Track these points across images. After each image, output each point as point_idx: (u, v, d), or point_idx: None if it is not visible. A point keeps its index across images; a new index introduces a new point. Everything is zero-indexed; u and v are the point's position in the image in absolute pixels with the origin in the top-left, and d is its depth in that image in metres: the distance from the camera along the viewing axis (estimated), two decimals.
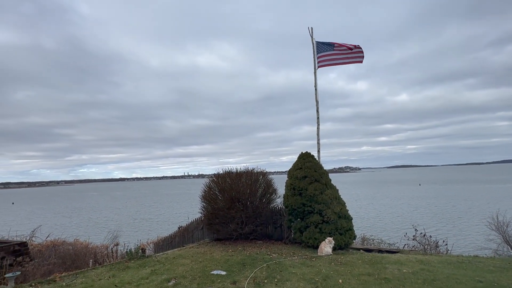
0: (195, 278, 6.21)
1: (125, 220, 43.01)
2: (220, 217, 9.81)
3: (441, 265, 6.78)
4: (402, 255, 8.08)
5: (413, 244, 13.02)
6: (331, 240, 8.00)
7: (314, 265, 6.78)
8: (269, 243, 9.72)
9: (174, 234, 12.57)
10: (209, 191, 10.36)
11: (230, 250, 8.60)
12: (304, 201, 8.89)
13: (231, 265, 7.02)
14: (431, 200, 50.07)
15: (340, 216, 8.72)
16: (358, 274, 6.04)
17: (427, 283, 5.38)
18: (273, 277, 6.04)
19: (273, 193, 10.57)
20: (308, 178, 9.11)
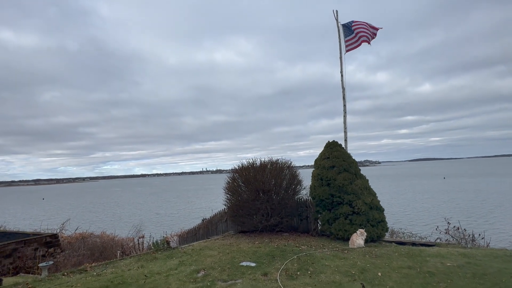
0: (224, 269, 6.04)
1: (147, 215, 44.08)
2: (244, 209, 9.62)
3: (487, 258, 6.24)
4: (441, 248, 7.57)
5: (446, 238, 12.39)
6: (363, 232, 7.61)
7: (348, 258, 6.44)
8: (295, 235, 9.44)
9: (198, 226, 12.55)
10: (233, 182, 10.17)
11: (256, 242, 8.40)
12: (332, 191, 8.52)
13: (259, 256, 6.80)
14: (458, 194, 47.85)
15: (371, 207, 8.29)
16: (398, 267, 5.65)
17: (477, 277, 4.92)
18: (306, 269, 5.76)
19: (298, 185, 10.24)
20: (336, 168, 8.71)
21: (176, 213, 44.99)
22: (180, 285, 5.25)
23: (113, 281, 5.67)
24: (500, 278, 4.84)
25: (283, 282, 5.17)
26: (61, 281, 5.93)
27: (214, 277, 5.61)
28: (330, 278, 5.22)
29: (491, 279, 4.82)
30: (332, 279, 5.19)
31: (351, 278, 5.17)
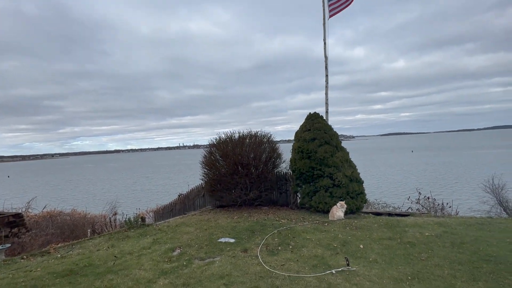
0: (201, 246, 5.72)
1: (123, 191, 42.87)
2: (223, 183, 9.26)
3: (462, 227, 6.39)
4: (416, 218, 7.70)
5: (417, 207, 12.90)
6: (343, 204, 7.55)
7: (329, 230, 6.34)
8: (275, 208, 9.29)
9: (175, 202, 12.13)
10: (210, 156, 9.70)
11: (235, 217, 8.14)
12: (313, 164, 8.31)
13: (239, 232, 6.55)
14: (425, 166, 50.65)
15: (351, 179, 8.21)
16: (378, 238, 5.60)
17: (456, 247, 4.95)
18: (287, 244, 5.57)
19: (278, 158, 9.97)
20: (317, 140, 8.45)
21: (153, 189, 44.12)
22: (154, 265, 4.87)
23: (78, 264, 5.18)
24: (478, 247, 4.90)
25: (264, 258, 4.94)
26: (18, 266, 5.35)
27: (191, 255, 5.27)
28: (312, 252, 5.06)
29: (470, 248, 4.86)
30: (314, 253, 5.03)
31: (333, 252, 5.04)
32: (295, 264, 4.56)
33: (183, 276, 4.35)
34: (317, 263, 4.58)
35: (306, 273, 4.21)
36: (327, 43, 9.51)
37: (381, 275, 4.05)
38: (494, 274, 3.87)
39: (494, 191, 13.85)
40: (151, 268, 4.76)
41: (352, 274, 4.10)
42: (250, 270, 4.44)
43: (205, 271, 4.46)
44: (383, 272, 4.12)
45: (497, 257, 4.40)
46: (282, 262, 4.68)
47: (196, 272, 4.45)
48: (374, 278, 3.95)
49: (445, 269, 4.11)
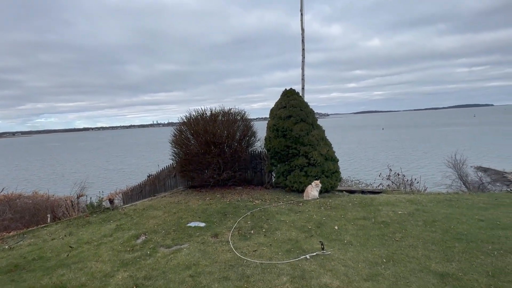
0: (169, 232, 5.32)
1: (94, 171, 40.88)
2: (194, 163, 8.78)
3: (432, 204, 6.47)
4: (389, 195, 7.77)
5: (387, 183, 13.29)
6: (318, 184, 7.40)
7: (303, 211, 6.17)
8: (249, 188, 9.03)
9: (144, 183, 11.52)
10: (180, 135, 9.10)
11: (207, 198, 7.78)
12: (288, 143, 8.01)
13: (210, 215, 6.20)
14: (394, 143, 52.89)
15: (326, 158, 8.04)
16: (353, 218, 5.50)
17: (428, 225, 4.94)
18: (260, 227, 5.32)
19: (253, 136, 9.58)
20: (293, 117, 8.11)
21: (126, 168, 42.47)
22: (113, 256, 4.42)
23: (26, 257, 4.62)
24: (449, 225, 4.91)
25: (235, 243, 4.65)
26: None
27: (156, 242, 4.87)
28: (286, 236, 4.84)
29: (441, 226, 4.86)
30: (288, 236, 4.81)
31: (307, 234, 4.85)
32: (268, 250, 4.31)
33: (146, 267, 3.96)
34: (291, 247, 4.36)
35: (279, 259, 3.97)
36: (303, 14, 8.94)
37: (356, 258, 3.90)
38: (466, 254, 3.85)
39: (455, 166, 14.78)
40: (110, 259, 4.31)
41: (326, 259, 3.91)
42: (220, 258, 4.13)
43: (170, 261, 4.10)
44: (358, 255, 3.98)
45: (468, 235, 4.41)
46: (255, 248, 4.41)
47: (160, 263, 4.07)
48: (349, 262, 3.78)
49: (419, 250, 4.04)
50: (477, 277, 3.27)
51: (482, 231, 4.58)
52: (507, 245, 4.02)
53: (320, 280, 3.35)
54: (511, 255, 3.74)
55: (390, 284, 3.21)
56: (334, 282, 3.30)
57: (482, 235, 4.39)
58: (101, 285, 3.55)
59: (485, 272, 3.36)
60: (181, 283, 3.47)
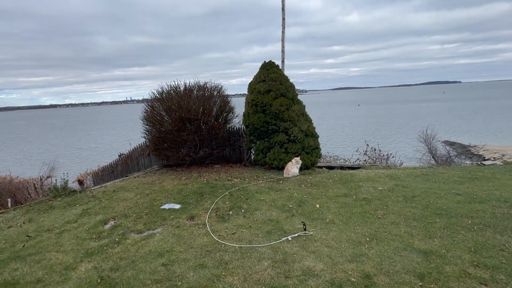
0: (140, 216, 4.94)
1: (64, 151, 38.67)
2: (168, 141, 8.27)
3: (410, 179, 6.50)
4: (368, 171, 7.76)
5: (364, 158, 13.51)
6: (298, 160, 7.21)
7: (283, 189, 5.97)
8: (227, 166, 8.72)
9: (116, 162, 10.87)
10: (153, 111, 8.47)
11: (183, 178, 7.39)
12: (268, 119, 7.67)
13: (186, 196, 5.85)
14: (370, 119, 54.26)
15: (307, 134, 7.82)
16: (334, 195, 5.37)
17: (409, 201, 4.90)
18: (239, 207, 5.06)
19: (230, 112, 9.13)
20: (273, 92, 7.71)
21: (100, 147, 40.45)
22: (77, 245, 4.01)
23: None
24: (428, 200, 4.90)
25: (213, 226, 4.38)
26: None
27: (126, 228, 4.49)
28: (266, 216, 4.62)
29: (421, 202, 4.84)
30: (268, 216, 4.60)
31: (289, 214, 4.66)
32: (248, 232, 4.08)
33: (113, 256, 3.60)
34: (272, 228, 4.15)
35: (260, 242, 3.74)
36: None
37: (339, 238, 3.76)
38: (447, 229, 3.81)
39: (426, 141, 15.29)
40: (73, 248, 3.90)
41: (309, 240, 3.74)
42: (196, 242, 3.84)
43: (141, 248, 3.76)
44: (341, 235, 3.84)
45: (447, 210, 4.40)
46: (233, 230, 4.16)
47: (130, 251, 3.72)
48: (332, 243, 3.63)
49: (401, 227, 3.97)
50: (460, 254, 3.22)
51: (460, 205, 4.59)
52: (485, 219, 4.03)
53: (303, 264, 3.17)
54: (490, 229, 3.74)
55: (374, 265, 3.09)
56: (318, 265, 3.13)
57: (461, 210, 4.40)
58: (60, 279, 3.17)
59: (467, 248, 3.33)
60: (152, 273, 3.17)
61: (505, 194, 4.99)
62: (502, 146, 26.18)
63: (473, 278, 2.79)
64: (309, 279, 2.90)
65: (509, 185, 5.64)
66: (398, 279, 2.84)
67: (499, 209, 4.33)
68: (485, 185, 5.67)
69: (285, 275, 2.98)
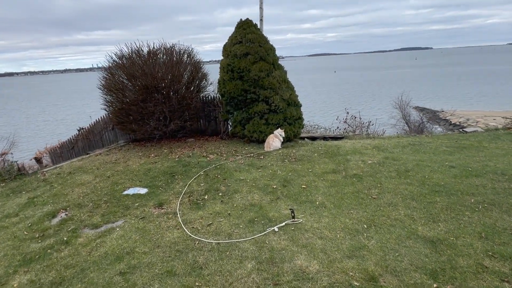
0: (98, 205, 4.16)
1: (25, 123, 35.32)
2: (133, 113, 7.26)
3: (398, 150, 6.12)
4: (353, 141, 7.32)
5: (345, 127, 13.23)
6: (281, 132, 6.58)
7: (265, 166, 5.36)
8: (202, 140, 7.94)
9: (76, 137, 9.68)
10: (113, 78, 7.31)
11: (152, 155, 6.56)
12: (246, 86, 6.83)
13: (154, 177, 5.09)
14: (346, 86, 54.27)
15: (289, 103, 7.12)
16: (322, 172, 4.84)
17: (403, 176, 4.48)
18: (216, 190, 4.41)
19: (204, 79, 8.16)
20: (251, 55, 6.80)
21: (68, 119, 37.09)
22: (13, 248, 3.21)
23: None
24: (423, 174, 4.50)
25: (185, 215, 3.72)
26: None
27: (79, 221, 3.72)
28: (248, 200, 4.02)
29: (416, 176, 4.43)
30: (250, 200, 4.00)
31: (273, 196, 4.08)
32: (227, 222, 3.47)
33: (58, 264, 2.87)
34: (255, 216, 3.56)
35: (241, 235, 3.16)
36: None
37: (333, 225, 3.25)
38: (450, 210, 3.41)
39: (401, 107, 15.39)
40: (7, 254, 3.11)
41: (298, 229, 3.20)
42: (164, 239, 3.18)
43: (95, 250, 3.05)
44: (334, 221, 3.33)
45: (445, 187, 4.02)
46: (209, 220, 3.53)
47: (80, 254, 3.01)
48: (326, 232, 3.12)
49: (400, 209, 3.52)
50: (470, 241, 2.83)
51: (457, 180, 4.23)
52: (487, 196, 3.68)
53: (295, 263, 2.63)
54: (495, 208, 3.39)
55: (378, 261, 2.61)
56: (312, 265, 2.61)
57: (460, 186, 4.03)
58: None
59: (477, 234, 2.94)
60: (106, 287, 2.50)
61: (500, 165, 4.70)
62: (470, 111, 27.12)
63: (492, 274, 2.39)
64: (303, 285, 2.37)
65: (500, 154, 5.39)
66: (408, 279, 2.38)
67: (498, 184, 4.00)
68: (476, 156, 5.39)
69: (274, 282, 2.43)
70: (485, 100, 31.67)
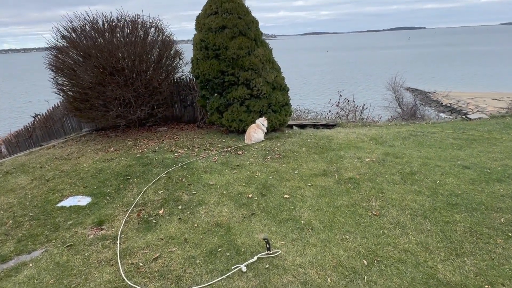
0: (20, 224, 3.19)
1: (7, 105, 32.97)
2: (91, 99, 6.15)
3: (399, 142, 5.27)
4: (346, 130, 6.42)
5: (337, 111, 12.41)
6: (264, 122, 5.62)
7: (243, 165, 4.43)
8: (177, 129, 6.94)
9: (33, 125, 8.50)
10: (62, 57, 6.11)
11: (111, 149, 5.53)
12: (223, 67, 5.76)
13: (104, 181, 4.11)
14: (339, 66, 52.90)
15: (274, 87, 6.11)
16: (310, 175, 3.95)
17: (409, 181, 3.63)
18: (176, 201, 3.48)
19: (177, 57, 7.02)
20: (228, 29, 5.68)
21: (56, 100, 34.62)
22: None
23: None
24: (433, 178, 3.66)
25: (128, 240, 2.80)
26: None
27: None
28: (214, 216, 3.11)
29: (425, 181, 3.59)
30: (216, 217, 3.09)
31: (247, 211, 3.18)
32: (179, 253, 2.57)
33: None
34: (219, 242, 2.67)
35: (195, 279, 2.27)
36: None
37: (321, 261, 2.39)
38: (476, 236, 2.59)
39: (394, 88, 14.78)
40: None
41: (275, 268, 2.33)
42: (87, 285, 2.27)
43: None
44: (324, 253, 2.47)
45: (464, 198, 3.19)
46: (157, 251, 2.62)
47: None
48: (312, 273, 2.26)
49: (410, 233, 2.68)
50: None
51: (476, 187, 3.40)
52: None
53: None
54: None
55: None
56: None
57: (481, 196, 3.20)
58: None
59: None
60: None
61: None
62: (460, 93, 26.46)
63: None
64: None
65: None
66: None
67: None
68: (491, 151, 4.57)
69: None
70: (476, 81, 31.11)
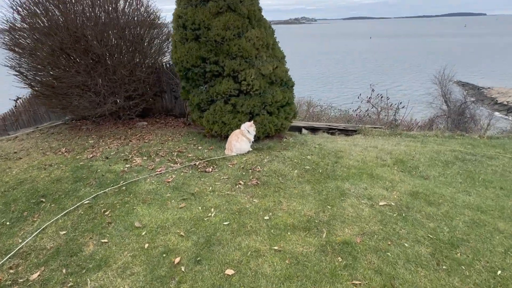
0: None
1: None
2: (57, 87, 5.16)
3: (437, 172, 3.68)
4: (366, 142, 4.84)
5: (367, 108, 10.74)
6: (250, 128, 4.24)
7: (200, 193, 3.13)
8: (158, 125, 5.83)
9: (18, 110, 7.87)
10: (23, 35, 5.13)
11: (62, 150, 4.51)
12: (204, 52, 4.41)
13: (10, 202, 3.06)
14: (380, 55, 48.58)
15: (272, 81, 4.65)
16: (286, 226, 2.55)
17: (445, 261, 2.11)
18: (71, 254, 2.30)
19: (162, 37, 5.79)
20: (212, 2, 4.28)
21: None
22: None
23: None
24: (489, 259, 2.11)
25: None
26: None
27: None
28: None
29: (473, 266, 2.06)
30: None
31: None
32: None
33: None
34: None
35: None
36: None
37: None
38: None
39: (441, 83, 13.27)
40: None
41: None
42: None
43: None
44: None
45: None
46: None
47: None
48: None
49: None
50: None
51: None
52: None
53: None
54: None
55: None
56: None
57: None
58: None
59: None
60: None
61: None
62: None
63: None
64: None
65: None
66: None
67: None
68: None
69: None
70: None
